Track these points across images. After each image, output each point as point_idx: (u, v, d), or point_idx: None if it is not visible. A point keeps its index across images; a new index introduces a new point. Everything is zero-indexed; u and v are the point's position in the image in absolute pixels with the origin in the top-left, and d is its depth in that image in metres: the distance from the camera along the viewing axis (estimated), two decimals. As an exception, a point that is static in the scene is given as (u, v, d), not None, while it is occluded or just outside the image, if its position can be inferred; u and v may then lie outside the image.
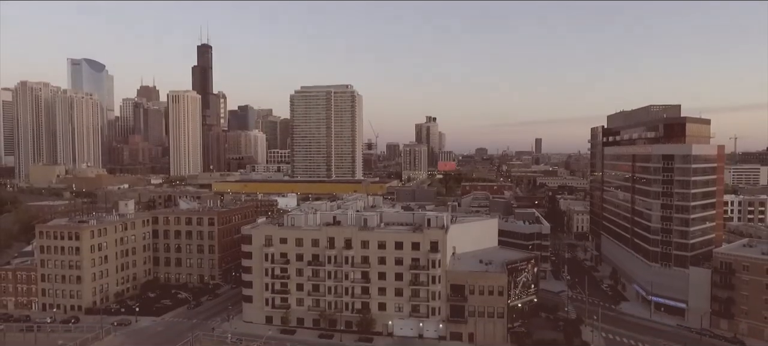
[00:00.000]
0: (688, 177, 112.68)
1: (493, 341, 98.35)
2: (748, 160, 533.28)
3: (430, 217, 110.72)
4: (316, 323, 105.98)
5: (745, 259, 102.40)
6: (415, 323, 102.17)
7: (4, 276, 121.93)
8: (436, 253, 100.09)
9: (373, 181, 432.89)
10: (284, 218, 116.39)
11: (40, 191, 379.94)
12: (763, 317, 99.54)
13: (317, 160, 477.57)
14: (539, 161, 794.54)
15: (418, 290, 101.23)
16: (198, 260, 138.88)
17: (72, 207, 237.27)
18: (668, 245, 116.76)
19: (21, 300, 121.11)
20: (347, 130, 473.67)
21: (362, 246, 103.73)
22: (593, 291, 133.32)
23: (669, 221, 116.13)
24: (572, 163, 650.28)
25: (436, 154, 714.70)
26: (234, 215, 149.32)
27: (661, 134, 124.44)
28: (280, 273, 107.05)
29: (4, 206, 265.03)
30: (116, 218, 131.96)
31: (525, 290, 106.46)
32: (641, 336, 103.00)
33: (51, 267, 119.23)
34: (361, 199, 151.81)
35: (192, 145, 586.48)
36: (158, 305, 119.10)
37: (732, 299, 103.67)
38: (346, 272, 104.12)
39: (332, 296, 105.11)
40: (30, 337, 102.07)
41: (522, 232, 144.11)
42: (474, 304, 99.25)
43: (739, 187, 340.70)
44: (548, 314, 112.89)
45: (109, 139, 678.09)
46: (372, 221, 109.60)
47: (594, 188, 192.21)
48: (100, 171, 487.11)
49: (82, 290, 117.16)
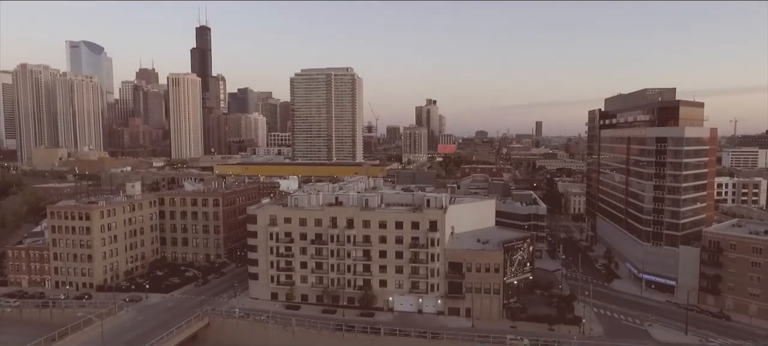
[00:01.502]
0: (680, 159, 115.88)
1: (490, 316, 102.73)
2: (747, 143, 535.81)
3: (430, 198, 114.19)
4: (320, 299, 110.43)
5: (732, 238, 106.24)
6: (414, 299, 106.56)
7: (18, 255, 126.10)
8: (435, 232, 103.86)
9: (373, 163, 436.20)
10: (288, 198, 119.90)
11: (44, 173, 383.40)
12: (748, 293, 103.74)
13: (318, 143, 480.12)
14: (539, 144, 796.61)
15: (417, 267, 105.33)
16: (204, 240, 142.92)
17: (77, 189, 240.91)
18: (660, 225, 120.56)
19: (34, 278, 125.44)
20: (347, 113, 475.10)
21: (364, 225, 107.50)
22: (587, 270, 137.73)
23: (661, 201, 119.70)
24: (572, 146, 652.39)
25: (436, 137, 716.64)
26: (238, 197, 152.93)
27: (655, 117, 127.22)
28: (284, 251, 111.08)
29: (9, 188, 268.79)
30: (124, 199, 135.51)
31: (521, 268, 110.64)
32: (631, 311, 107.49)
33: (62, 246, 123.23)
34: (362, 181, 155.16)
35: (193, 128, 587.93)
36: (167, 283, 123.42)
37: (719, 276, 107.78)
38: (348, 250, 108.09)
39: (335, 273, 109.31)
40: (45, 312, 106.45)
41: (519, 213, 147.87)
42: (471, 281, 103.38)
43: (736, 169, 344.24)
44: (543, 291, 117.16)
45: (110, 122, 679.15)
46: (373, 202, 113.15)
47: (591, 171, 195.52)
48: (102, 154, 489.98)
49: (94, 268, 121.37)
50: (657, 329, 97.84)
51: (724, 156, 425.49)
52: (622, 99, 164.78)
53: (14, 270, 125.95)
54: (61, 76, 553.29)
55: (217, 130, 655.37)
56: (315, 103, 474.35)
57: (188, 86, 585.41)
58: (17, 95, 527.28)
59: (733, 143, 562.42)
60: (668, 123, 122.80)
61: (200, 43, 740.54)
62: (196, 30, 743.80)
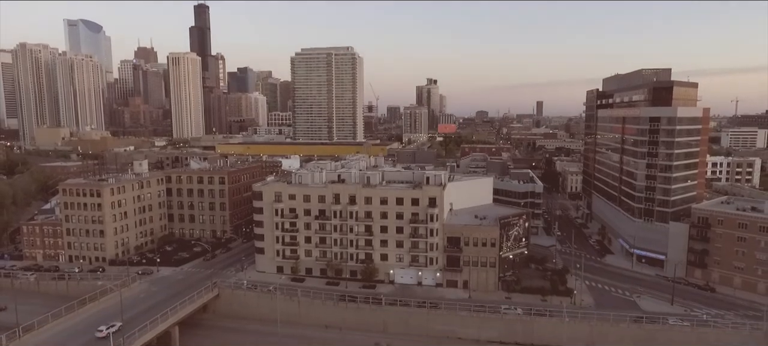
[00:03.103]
0: (673, 138, 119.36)
1: (486, 287, 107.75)
2: (746, 122, 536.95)
3: (429, 175, 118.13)
4: (324, 272, 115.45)
5: (720, 214, 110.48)
6: (414, 272, 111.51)
7: (32, 231, 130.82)
8: (434, 208, 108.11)
9: (374, 143, 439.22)
10: (292, 176, 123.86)
11: (48, 153, 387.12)
12: (733, 266, 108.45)
13: (318, 122, 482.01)
14: (540, 124, 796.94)
15: (417, 242, 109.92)
16: (210, 217, 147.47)
17: (84, 168, 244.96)
18: (651, 202, 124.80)
19: (48, 252, 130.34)
20: (348, 93, 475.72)
21: (365, 202, 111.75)
22: (581, 245, 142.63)
23: (653, 179, 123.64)
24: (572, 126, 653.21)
25: (436, 117, 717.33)
26: (242, 175, 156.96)
27: (650, 97, 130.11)
28: (289, 227, 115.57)
29: (15, 167, 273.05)
30: (133, 177, 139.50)
31: (516, 243, 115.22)
32: (621, 284, 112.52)
33: (75, 222, 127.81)
34: (363, 159, 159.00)
35: (194, 108, 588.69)
36: (176, 257, 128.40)
37: (706, 250, 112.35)
38: (350, 225, 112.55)
39: (338, 247, 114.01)
40: (61, 284, 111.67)
41: (516, 190, 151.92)
42: (468, 255, 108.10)
43: (733, 150, 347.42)
44: (537, 265, 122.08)
45: (110, 102, 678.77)
46: (374, 179, 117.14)
47: (588, 150, 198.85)
48: (104, 133, 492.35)
49: (106, 243, 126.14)
50: (645, 301, 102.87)
51: (723, 136, 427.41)
52: (619, 79, 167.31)
53: (29, 245, 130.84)
54: (61, 55, 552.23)
55: (218, 109, 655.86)
56: (315, 82, 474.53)
57: (188, 66, 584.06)
58: (17, 75, 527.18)
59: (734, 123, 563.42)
60: (662, 103, 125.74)
61: (199, 22, 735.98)
62: (195, 8, 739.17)
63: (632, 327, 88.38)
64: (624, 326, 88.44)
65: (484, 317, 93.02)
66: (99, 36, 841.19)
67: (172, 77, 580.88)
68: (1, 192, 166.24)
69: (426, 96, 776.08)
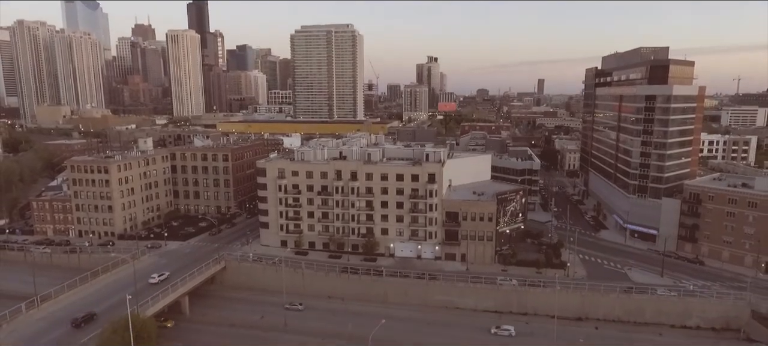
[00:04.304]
0: (668, 116, 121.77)
1: (483, 260, 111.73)
2: (747, 101, 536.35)
3: (429, 152, 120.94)
4: (326, 246, 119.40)
5: (711, 190, 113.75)
6: (414, 245, 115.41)
7: (42, 206, 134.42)
8: (433, 184, 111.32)
9: (374, 121, 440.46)
10: (295, 153, 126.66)
11: (49, 131, 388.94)
12: (722, 240, 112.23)
13: (319, 101, 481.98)
14: (541, 102, 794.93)
15: (416, 216, 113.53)
16: (214, 193, 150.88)
17: (87, 146, 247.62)
18: (646, 179, 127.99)
19: (58, 227, 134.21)
20: (348, 71, 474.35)
21: (366, 178, 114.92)
22: (577, 221, 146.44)
23: (648, 156, 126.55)
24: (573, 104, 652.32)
25: (437, 95, 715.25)
26: (245, 152, 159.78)
27: (646, 75, 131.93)
28: (292, 202, 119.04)
29: (18, 145, 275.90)
30: (138, 155, 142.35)
31: (513, 218, 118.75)
32: (614, 258, 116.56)
33: (83, 198, 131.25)
34: (364, 137, 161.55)
35: (193, 86, 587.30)
36: (183, 232, 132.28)
37: (697, 225, 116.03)
38: (352, 201, 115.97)
39: (340, 222, 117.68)
40: (73, 258, 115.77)
41: (514, 168, 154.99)
42: (466, 229, 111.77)
43: (732, 128, 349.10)
44: (533, 239, 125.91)
45: (109, 80, 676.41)
46: (375, 156, 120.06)
47: (586, 128, 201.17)
48: (105, 112, 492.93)
49: (114, 218, 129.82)
50: (636, 273, 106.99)
51: (723, 114, 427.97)
52: (618, 58, 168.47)
53: (40, 220, 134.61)
54: (59, 33, 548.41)
55: (218, 87, 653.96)
56: (315, 60, 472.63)
57: (187, 43, 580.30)
58: (15, 53, 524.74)
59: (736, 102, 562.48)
60: (658, 81, 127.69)
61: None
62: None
63: (622, 297, 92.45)
64: (614, 296, 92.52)
65: (480, 287, 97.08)
66: (96, 13, 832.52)
67: (171, 55, 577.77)
68: (9, 169, 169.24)
69: (426, 74, 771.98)
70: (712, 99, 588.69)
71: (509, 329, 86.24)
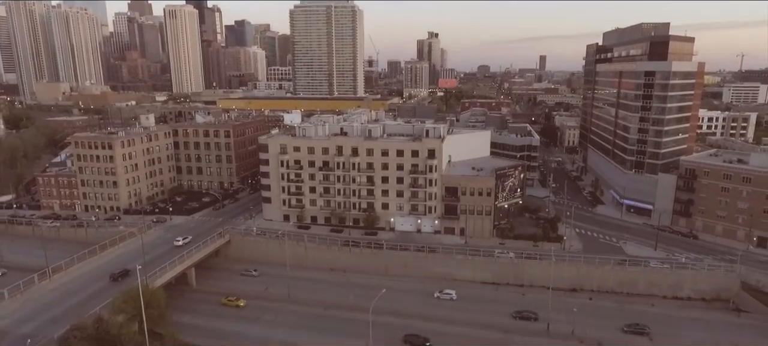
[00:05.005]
0: (666, 92, 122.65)
1: (481, 234, 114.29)
2: (750, 78, 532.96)
3: (429, 128, 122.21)
4: (328, 220, 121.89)
5: (706, 165, 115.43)
6: (414, 219, 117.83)
7: (47, 182, 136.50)
8: (433, 159, 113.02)
9: (374, 98, 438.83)
10: (296, 128, 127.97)
11: (49, 108, 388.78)
12: (716, 215, 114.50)
13: (319, 77, 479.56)
14: (542, 79, 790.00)
15: (416, 191, 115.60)
16: (217, 169, 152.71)
17: (89, 123, 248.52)
18: (643, 155, 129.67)
19: (64, 203, 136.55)
20: (348, 47, 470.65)
21: (367, 154, 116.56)
22: (575, 197, 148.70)
23: (645, 132, 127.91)
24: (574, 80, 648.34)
25: (437, 72, 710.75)
26: (247, 128, 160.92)
27: (647, 52, 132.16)
28: (294, 177, 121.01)
29: (19, 122, 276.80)
30: (141, 131, 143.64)
31: (511, 194, 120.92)
32: (609, 231, 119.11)
33: (88, 174, 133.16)
34: (364, 114, 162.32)
35: (192, 62, 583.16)
36: (187, 207, 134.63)
37: (692, 200, 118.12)
38: (353, 176, 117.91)
39: (341, 197, 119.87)
40: (81, 232, 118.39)
41: (513, 144, 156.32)
42: (465, 204, 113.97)
43: (733, 105, 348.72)
44: (531, 214, 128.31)
45: (106, 56, 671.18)
46: (376, 132, 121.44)
47: (586, 105, 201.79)
48: (104, 88, 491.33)
49: (119, 193, 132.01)
50: (630, 246, 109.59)
51: (724, 91, 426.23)
52: (619, 33, 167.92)
53: (46, 195, 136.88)
54: (55, 7, 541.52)
55: (217, 64, 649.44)
56: (315, 36, 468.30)
57: (186, 19, 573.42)
58: (12, 28, 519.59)
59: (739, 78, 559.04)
60: (658, 57, 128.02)
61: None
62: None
63: (616, 269, 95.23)
64: (608, 268, 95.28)
65: (478, 260, 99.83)
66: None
67: (170, 31, 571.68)
68: (13, 146, 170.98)
69: (427, 50, 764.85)
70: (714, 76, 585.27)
71: (450, 294, 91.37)
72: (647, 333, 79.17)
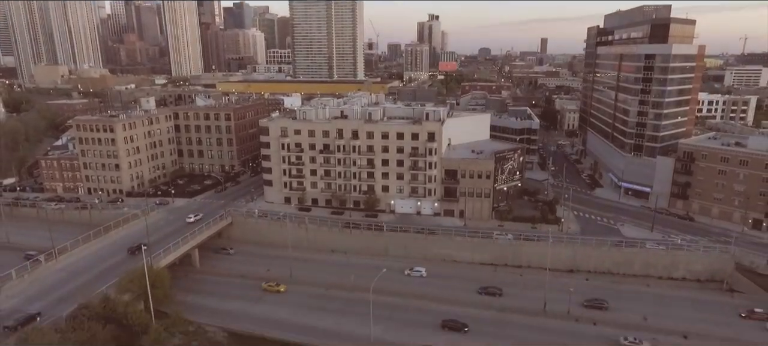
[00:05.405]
0: (666, 75, 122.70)
1: (480, 216, 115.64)
2: (752, 60, 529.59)
3: (429, 111, 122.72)
4: (329, 203, 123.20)
5: (704, 148, 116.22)
6: (413, 202, 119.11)
7: (50, 165, 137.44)
8: (433, 142, 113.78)
9: (374, 81, 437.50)
10: (297, 112, 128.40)
11: (49, 91, 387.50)
12: (713, 197, 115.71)
13: (318, 60, 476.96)
14: (543, 62, 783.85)
15: (416, 174, 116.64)
16: (218, 152, 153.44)
17: (89, 106, 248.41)
18: (641, 138, 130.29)
19: (68, 185, 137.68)
20: (348, 30, 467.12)
21: (367, 137, 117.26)
22: (574, 179, 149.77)
23: (645, 115, 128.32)
24: (576, 64, 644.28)
25: (438, 55, 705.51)
26: (247, 111, 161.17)
27: (647, 34, 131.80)
28: (295, 160, 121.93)
29: (19, 105, 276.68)
30: (142, 114, 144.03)
31: (511, 176, 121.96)
32: (606, 214, 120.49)
33: (91, 156, 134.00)
34: (364, 97, 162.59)
35: (191, 45, 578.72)
36: (189, 189, 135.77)
37: (689, 183, 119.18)
38: (353, 159, 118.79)
39: (342, 179, 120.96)
40: (85, 214, 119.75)
41: (513, 127, 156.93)
42: (465, 186, 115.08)
43: (734, 88, 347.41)
44: (530, 196, 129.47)
45: (104, 39, 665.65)
46: (376, 115, 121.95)
47: (586, 88, 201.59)
48: (103, 71, 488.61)
49: (121, 176, 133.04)
50: (627, 228, 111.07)
51: (726, 74, 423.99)
52: (621, 16, 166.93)
53: (49, 178, 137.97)
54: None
55: (216, 47, 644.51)
56: (315, 19, 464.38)
57: (184, 1, 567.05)
58: (9, 10, 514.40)
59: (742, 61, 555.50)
60: (659, 40, 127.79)
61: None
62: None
63: (612, 250, 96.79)
64: (604, 249, 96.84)
65: (477, 242, 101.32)
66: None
67: (168, 14, 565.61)
68: (14, 129, 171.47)
69: (427, 33, 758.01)
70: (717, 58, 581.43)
71: (420, 271, 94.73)
72: (606, 308, 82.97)
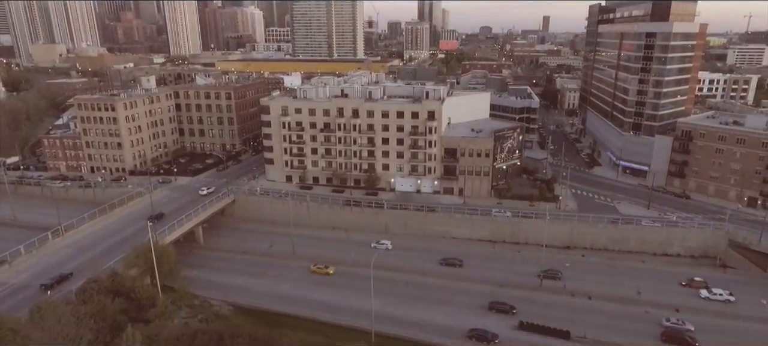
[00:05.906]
0: (666, 54, 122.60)
1: (479, 194, 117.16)
2: (755, 39, 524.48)
3: (429, 90, 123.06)
4: (330, 181, 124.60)
5: (702, 127, 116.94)
6: (413, 180, 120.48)
7: (54, 143, 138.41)
8: (432, 121, 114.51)
9: (374, 60, 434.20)
10: (297, 90, 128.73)
11: (47, 70, 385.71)
12: (710, 176, 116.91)
13: (318, 39, 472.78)
14: (545, 41, 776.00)
15: (416, 152, 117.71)
16: (219, 131, 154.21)
17: (89, 85, 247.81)
18: (641, 116, 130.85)
19: (71, 164, 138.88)
20: (348, 7, 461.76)
21: (368, 115, 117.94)
22: (572, 158, 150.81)
23: (644, 94, 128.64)
24: (577, 42, 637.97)
25: (438, 33, 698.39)
26: (248, 90, 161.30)
27: (649, 12, 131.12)
28: (296, 139, 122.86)
29: (19, 84, 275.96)
30: (143, 93, 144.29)
31: (510, 155, 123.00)
32: (604, 192, 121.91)
33: (93, 135, 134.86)
34: (365, 75, 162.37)
35: (189, 24, 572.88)
36: (191, 168, 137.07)
37: (687, 161, 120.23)
38: (354, 137, 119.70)
39: (342, 158, 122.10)
40: (89, 192, 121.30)
41: (513, 106, 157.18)
42: (464, 164, 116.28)
43: (736, 67, 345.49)
44: (529, 175, 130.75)
45: (101, 17, 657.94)
46: (376, 94, 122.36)
47: (587, 67, 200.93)
48: (101, 50, 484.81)
49: (124, 154, 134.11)
50: (624, 206, 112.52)
51: (729, 53, 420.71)
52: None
53: (52, 157, 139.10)
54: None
55: (214, 25, 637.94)
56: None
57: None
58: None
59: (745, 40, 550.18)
60: (660, 18, 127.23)
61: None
62: None
63: (608, 227, 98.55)
64: (601, 226, 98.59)
65: (476, 219, 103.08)
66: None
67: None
68: (15, 108, 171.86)
69: (428, 11, 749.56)
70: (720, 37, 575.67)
71: (386, 244, 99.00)
72: (559, 278, 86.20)
